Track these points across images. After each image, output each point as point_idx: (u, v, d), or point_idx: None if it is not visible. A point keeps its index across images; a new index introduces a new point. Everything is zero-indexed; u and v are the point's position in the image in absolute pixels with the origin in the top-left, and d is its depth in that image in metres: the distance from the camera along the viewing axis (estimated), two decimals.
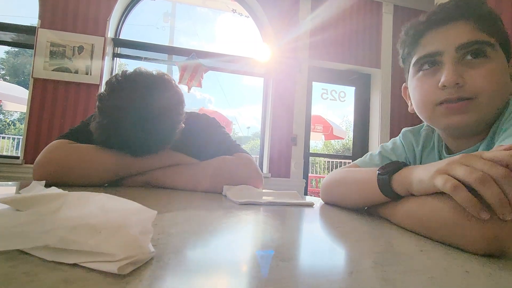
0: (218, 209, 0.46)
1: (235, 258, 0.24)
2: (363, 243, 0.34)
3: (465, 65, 0.49)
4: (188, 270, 0.21)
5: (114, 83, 0.62)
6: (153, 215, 0.23)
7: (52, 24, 2.77)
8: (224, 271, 0.22)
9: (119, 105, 0.60)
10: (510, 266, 0.28)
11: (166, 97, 0.63)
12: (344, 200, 0.57)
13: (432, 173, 0.35)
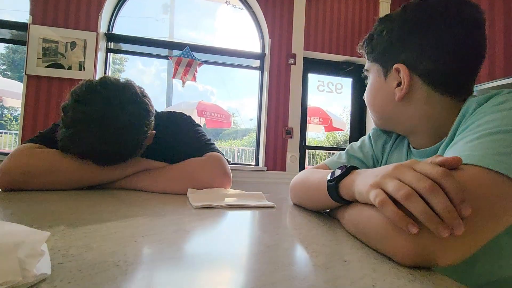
0: (166, 215, 0.46)
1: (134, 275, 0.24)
2: (286, 248, 0.34)
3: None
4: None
5: (77, 94, 0.61)
6: (45, 237, 0.23)
7: (44, 20, 2.76)
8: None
9: (80, 118, 0.59)
10: (426, 279, 0.28)
11: (130, 109, 0.63)
12: (304, 202, 0.58)
13: (367, 187, 0.35)
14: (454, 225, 0.28)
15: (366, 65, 0.59)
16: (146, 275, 0.24)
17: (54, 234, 0.34)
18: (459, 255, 0.31)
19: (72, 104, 0.61)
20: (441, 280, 0.28)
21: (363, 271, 0.29)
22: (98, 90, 0.61)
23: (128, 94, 0.64)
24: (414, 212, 0.29)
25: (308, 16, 3.19)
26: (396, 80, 0.51)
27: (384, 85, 0.54)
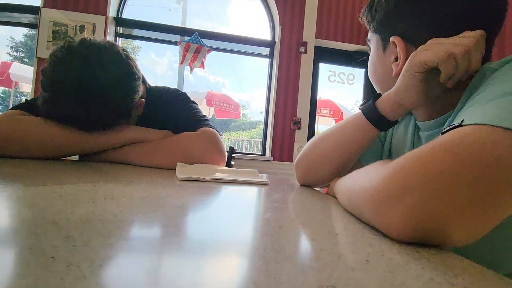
0: (141, 184, 0.42)
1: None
2: (275, 224, 0.29)
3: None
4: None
5: (55, 55, 0.58)
6: None
7: (55, 4, 2.75)
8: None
9: (57, 79, 0.56)
10: (436, 258, 0.22)
11: (110, 69, 0.58)
12: (329, 158, 0.51)
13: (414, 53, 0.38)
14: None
15: (368, 35, 0.53)
16: (83, 233, 0.20)
17: (4, 191, 0.29)
18: (472, 231, 0.25)
19: (50, 65, 0.57)
20: (455, 260, 0.22)
21: (356, 245, 0.23)
22: (76, 49, 0.57)
23: (109, 54, 0.59)
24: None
25: (321, 3, 3.07)
26: (393, 54, 0.46)
27: (382, 59, 0.49)
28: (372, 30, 0.51)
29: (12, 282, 0.13)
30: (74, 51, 0.57)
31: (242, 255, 0.20)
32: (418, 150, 0.27)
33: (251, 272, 0.17)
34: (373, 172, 0.30)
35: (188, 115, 0.73)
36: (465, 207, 0.24)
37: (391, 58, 0.47)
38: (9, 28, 16.29)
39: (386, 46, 0.48)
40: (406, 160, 0.27)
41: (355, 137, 0.48)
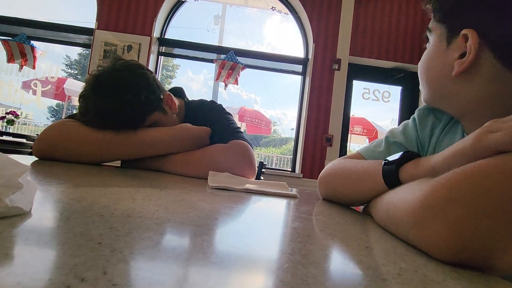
0: (176, 189, 0.44)
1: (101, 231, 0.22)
2: (297, 238, 0.29)
3: None
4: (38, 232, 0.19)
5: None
6: (24, 171, 0.21)
7: (107, 26, 3.05)
8: (74, 243, 0.19)
9: (88, 82, 0.67)
10: (478, 279, 0.21)
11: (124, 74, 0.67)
12: (341, 193, 0.51)
13: (472, 140, 0.29)
14: None
15: (430, 24, 0.48)
16: (126, 226, 0.22)
17: (58, 188, 0.33)
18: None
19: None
20: (500, 284, 0.21)
21: (388, 258, 0.23)
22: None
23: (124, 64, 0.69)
24: None
25: (356, 20, 3.07)
26: (459, 50, 0.41)
27: (443, 54, 0.44)
28: (437, 19, 0.45)
29: (66, 260, 0.15)
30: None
31: (269, 257, 0.20)
32: (467, 165, 0.26)
33: (278, 271, 0.17)
34: (417, 185, 0.29)
35: (222, 126, 0.76)
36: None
37: (454, 54, 0.42)
38: (65, 47, 18.24)
39: (452, 39, 0.42)
40: (453, 173, 0.26)
41: (370, 190, 0.43)
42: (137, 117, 0.68)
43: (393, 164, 0.38)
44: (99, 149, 0.65)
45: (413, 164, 0.36)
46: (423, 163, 0.35)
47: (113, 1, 3.06)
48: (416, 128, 0.55)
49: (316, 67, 3.05)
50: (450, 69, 0.42)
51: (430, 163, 0.34)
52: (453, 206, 0.24)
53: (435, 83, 0.46)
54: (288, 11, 3.27)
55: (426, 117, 0.55)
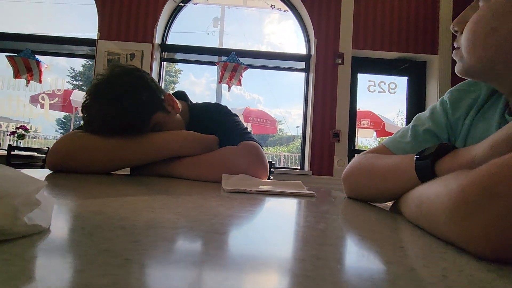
0: (192, 195, 0.43)
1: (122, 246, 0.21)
2: (321, 241, 0.28)
3: (474, 11, 0.42)
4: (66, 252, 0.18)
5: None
6: (41, 187, 0.21)
7: (109, 35, 3.08)
8: (100, 259, 0.18)
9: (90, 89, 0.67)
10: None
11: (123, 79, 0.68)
12: (370, 191, 0.49)
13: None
14: None
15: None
16: (150, 238, 0.21)
17: (76, 201, 0.32)
18: None
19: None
20: None
21: (427, 259, 0.21)
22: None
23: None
24: None
25: (357, 13, 3.03)
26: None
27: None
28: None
29: (94, 280, 0.14)
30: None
31: (305, 264, 0.19)
32: (507, 156, 0.24)
33: (318, 281, 0.16)
34: (452, 178, 0.27)
35: (230, 128, 0.75)
36: None
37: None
38: (69, 60, 18.52)
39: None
40: (493, 164, 0.24)
41: (402, 186, 0.40)
42: (141, 119, 0.68)
43: (427, 159, 0.36)
44: (111, 156, 0.65)
45: (451, 157, 0.34)
46: (463, 154, 0.33)
47: (113, 11, 3.09)
48: (445, 112, 0.52)
49: (319, 63, 3.02)
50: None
51: (471, 154, 0.32)
52: (493, 201, 0.22)
53: (504, 47, 0.38)
54: (288, 8, 3.25)
55: (461, 99, 0.51)
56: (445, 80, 2.95)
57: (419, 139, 0.52)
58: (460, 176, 0.26)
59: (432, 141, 0.50)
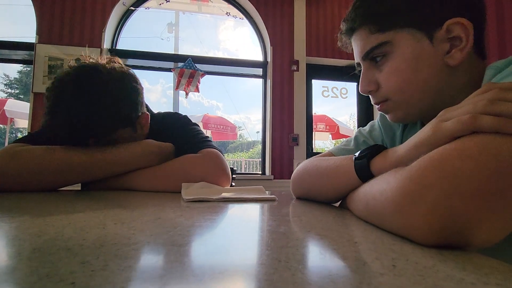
0: (148, 207, 0.41)
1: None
2: (283, 237, 0.28)
3: (377, 69, 0.47)
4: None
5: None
6: None
7: (50, 39, 2.82)
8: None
9: (55, 84, 0.61)
10: (463, 259, 0.22)
11: (111, 74, 0.63)
12: (315, 191, 0.51)
13: (430, 130, 0.31)
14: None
15: (379, 38, 0.44)
16: (100, 258, 0.19)
17: (12, 223, 0.29)
18: (496, 228, 0.24)
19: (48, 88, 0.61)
20: (482, 260, 0.22)
21: (378, 251, 0.23)
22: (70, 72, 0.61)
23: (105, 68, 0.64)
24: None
25: (308, 22, 3.19)
26: (445, 42, 0.42)
27: (430, 52, 0.42)
28: (393, 26, 0.43)
29: None
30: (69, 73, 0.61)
31: (266, 268, 0.19)
32: (432, 152, 0.27)
33: (278, 284, 0.16)
34: (391, 176, 0.30)
35: (190, 137, 0.73)
36: (487, 202, 0.23)
37: (444, 48, 0.42)
38: (2, 66, 16.61)
39: (434, 36, 0.42)
40: (422, 161, 0.27)
41: (344, 185, 0.43)
42: (112, 126, 0.63)
43: (363, 158, 0.39)
44: (61, 174, 0.59)
45: (381, 157, 0.38)
46: (391, 154, 0.37)
47: (54, 12, 2.84)
48: (381, 132, 0.60)
49: (276, 69, 3.11)
50: (440, 63, 0.42)
51: (397, 154, 0.36)
52: (428, 191, 0.25)
53: (427, 85, 0.44)
54: (243, 16, 3.30)
55: (386, 125, 0.60)
56: None
57: (360, 147, 0.59)
58: (397, 174, 0.29)
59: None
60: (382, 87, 0.47)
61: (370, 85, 0.48)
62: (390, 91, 0.46)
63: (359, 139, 0.62)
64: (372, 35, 0.46)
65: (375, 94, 0.49)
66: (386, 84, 0.46)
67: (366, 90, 0.49)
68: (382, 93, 0.48)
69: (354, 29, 0.48)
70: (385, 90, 0.47)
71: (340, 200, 0.48)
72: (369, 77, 0.48)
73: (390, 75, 0.45)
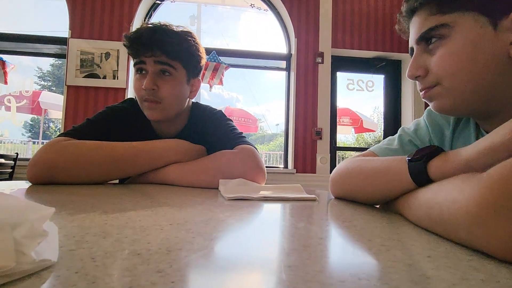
0: (195, 206, 0.41)
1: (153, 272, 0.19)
2: (349, 249, 0.27)
3: (429, 53, 0.45)
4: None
5: None
6: (48, 214, 0.18)
7: (81, 34, 2.92)
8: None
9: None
10: None
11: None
12: (360, 193, 0.49)
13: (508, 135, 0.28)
14: None
15: (438, 20, 0.42)
16: (173, 266, 0.19)
17: (72, 221, 0.29)
18: None
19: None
20: None
21: (462, 269, 0.21)
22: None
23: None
24: None
25: (335, 13, 3.09)
26: (510, 31, 0.39)
27: (492, 40, 0.39)
28: (459, 8, 0.41)
29: None
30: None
31: (345, 283, 0.18)
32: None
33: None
34: (464, 184, 0.27)
35: (225, 133, 0.74)
36: None
37: (507, 39, 0.39)
38: (35, 59, 17.52)
39: (498, 23, 0.39)
40: (504, 168, 0.24)
41: (394, 188, 0.41)
42: (188, 51, 0.73)
43: (419, 161, 0.37)
44: (106, 168, 0.61)
45: (441, 160, 0.35)
46: (453, 158, 0.34)
47: (85, 8, 2.94)
48: (428, 130, 0.56)
49: (300, 62, 3.05)
50: (502, 57, 0.39)
51: (462, 158, 0.33)
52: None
53: (484, 74, 0.41)
54: (267, 7, 3.24)
55: (435, 122, 0.56)
56: None
57: (405, 147, 0.56)
58: (471, 182, 0.27)
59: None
60: (432, 72, 0.45)
61: (418, 70, 0.46)
62: (442, 75, 0.43)
63: (403, 138, 0.58)
64: (431, 17, 0.43)
65: (423, 80, 0.46)
66: (438, 67, 0.44)
67: (414, 75, 0.46)
68: (432, 78, 0.45)
69: (415, 10, 0.46)
70: (436, 74, 0.44)
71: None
72: (419, 62, 0.46)
73: (444, 59, 0.43)
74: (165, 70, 0.69)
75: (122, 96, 2.94)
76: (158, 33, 0.68)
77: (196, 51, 0.75)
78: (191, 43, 0.73)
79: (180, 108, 0.74)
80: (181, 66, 0.72)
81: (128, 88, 2.94)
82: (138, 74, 0.71)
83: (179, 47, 0.70)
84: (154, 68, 0.68)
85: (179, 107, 0.74)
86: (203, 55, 0.80)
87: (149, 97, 0.68)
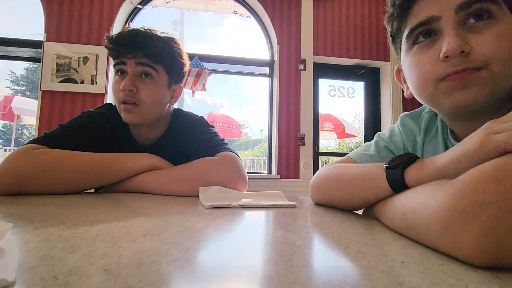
0: (172, 215, 0.40)
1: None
2: (323, 255, 0.27)
3: (468, 30, 0.39)
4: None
5: None
6: (5, 231, 0.17)
7: (58, 37, 2.83)
8: None
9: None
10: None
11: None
12: (339, 199, 0.49)
13: (477, 143, 0.29)
14: None
15: (483, 5, 0.38)
16: (143, 280, 0.18)
17: (38, 235, 0.28)
18: None
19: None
20: None
21: (434, 274, 0.21)
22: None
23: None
24: None
25: (316, 21, 3.16)
26: None
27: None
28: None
29: None
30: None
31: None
32: (484, 166, 0.26)
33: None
34: (436, 190, 0.28)
35: (206, 139, 0.73)
36: None
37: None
38: (8, 63, 16.75)
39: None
40: (472, 175, 0.25)
41: (372, 194, 0.41)
42: (171, 55, 0.73)
43: (397, 168, 0.37)
44: (80, 176, 0.59)
45: (417, 167, 0.36)
46: (428, 165, 0.35)
47: (62, 11, 2.85)
48: (402, 136, 0.58)
49: (283, 68, 3.09)
50: None
51: (436, 165, 0.34)
52: (483, 209, 0.23)
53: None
54: (250, 14, 3.27)
55: (407, 126, 0.58)
56: (396, 84, 3.19)
57: (381, 152, 0.58)
58: (443, 187, 0.28)
59: (391, 156, 0.54)
60: (479, 51, 0.37)
61: (466, 45, 0.38)
62: (495, 57, 0.37)
63: (379, 144, 0.60)
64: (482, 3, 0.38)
65: (467, 58, 0.38)
66: (491, 48, 0.37)
67: (461, 48, 0.37)
68: (480, 57, 0.37)
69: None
70: (484, 55, 0.37)
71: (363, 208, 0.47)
72: (463, 36, 0.38)
73: (500, 39, 0.37)
74: (147, 72, 0.68)
75: (101, 101, 2.86)
76: (141, 36, 0.67)
77: (179, 57, 0.75)
78: (174, 48, 0.72)
79: (159, 113, 0.73)
80: (163, 70, 0.71)
81: (107, 94, 2.86)
82: (118, 76, 0.69)
83: (162, 51, 0.69)
84: (135, 70, 0.67)
85: (157, 112, 0.72)
86: (187, 62, 0.79)
87: (127, 98, 0.66)
